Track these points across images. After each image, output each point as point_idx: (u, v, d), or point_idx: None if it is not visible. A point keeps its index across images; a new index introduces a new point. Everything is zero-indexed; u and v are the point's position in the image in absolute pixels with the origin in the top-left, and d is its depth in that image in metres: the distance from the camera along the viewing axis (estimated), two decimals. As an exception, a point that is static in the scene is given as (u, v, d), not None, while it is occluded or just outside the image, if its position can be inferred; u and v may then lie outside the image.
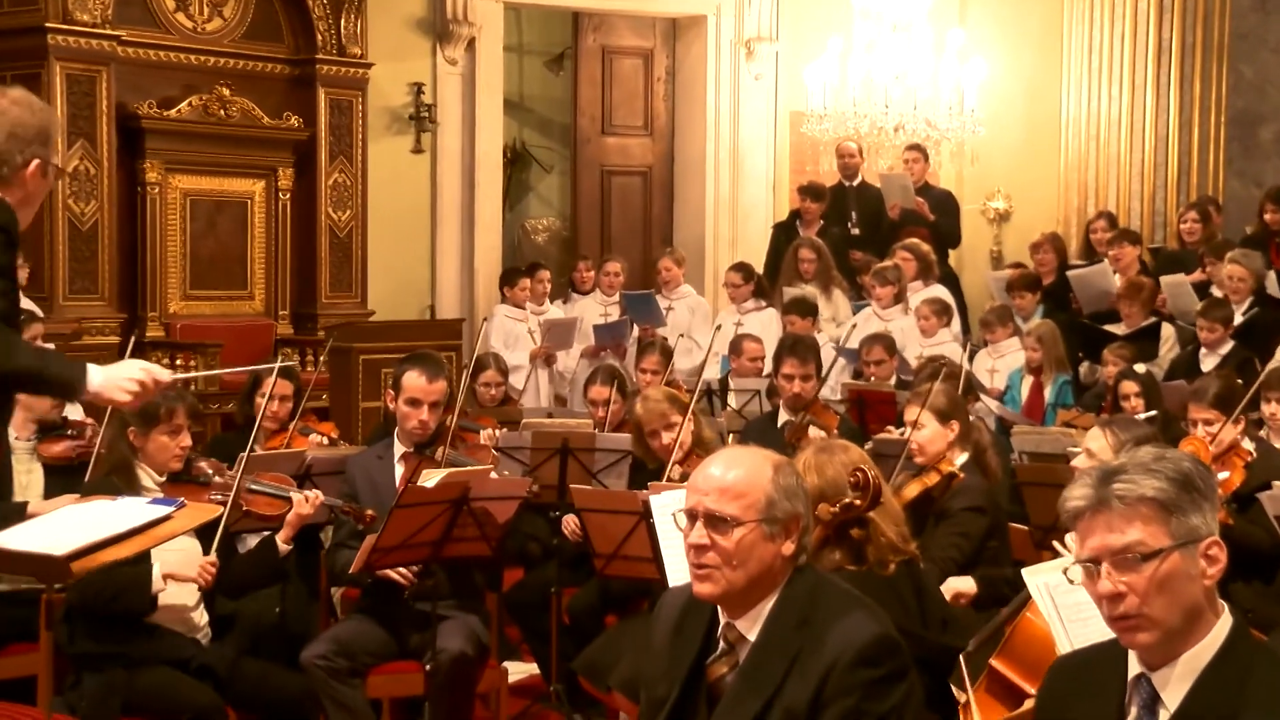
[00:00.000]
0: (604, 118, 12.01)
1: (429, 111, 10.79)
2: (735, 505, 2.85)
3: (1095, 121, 11.44)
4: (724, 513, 2.85)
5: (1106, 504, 2.36)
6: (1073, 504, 2.40)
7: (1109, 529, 2.35)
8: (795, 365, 6.74)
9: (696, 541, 2.87)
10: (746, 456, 2.94)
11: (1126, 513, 2.34)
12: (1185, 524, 2.33)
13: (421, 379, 5.27)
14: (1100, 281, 9.26)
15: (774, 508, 2.87)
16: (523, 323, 9.99)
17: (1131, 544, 2.34)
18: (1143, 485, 2.34)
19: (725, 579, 2.85)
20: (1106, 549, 2.35)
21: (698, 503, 2.89)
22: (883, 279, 9.39)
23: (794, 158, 12.21)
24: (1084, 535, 2.39)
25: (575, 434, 6.07)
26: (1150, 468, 2.36)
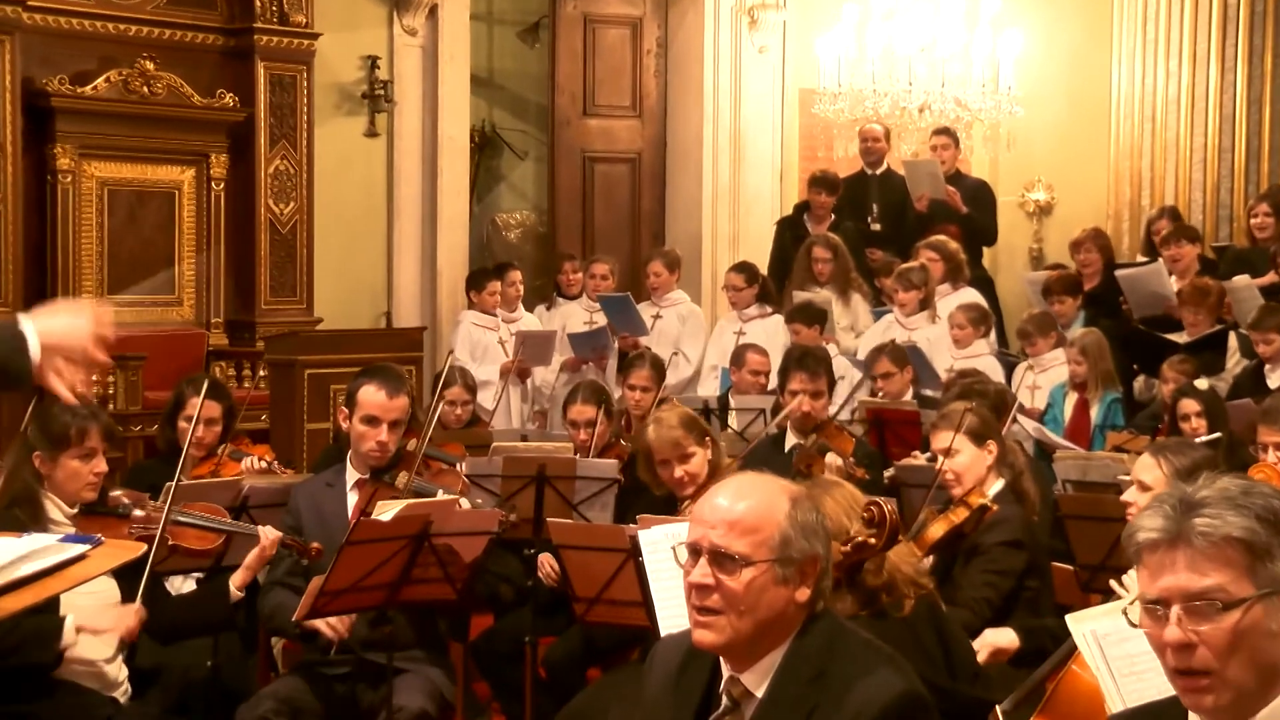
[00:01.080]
0: (586, 97, 12.03)
1: (384, 89, 10.79)
2: (745, 542, 2.85)
3: (1150, 100, 11.49)
4: (732, 550, 2.85)
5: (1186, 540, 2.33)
6: (1145, 535, 2.37)
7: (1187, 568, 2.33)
8: (804, 380, 6.75)
9: (699, 581, 2.86)
10: (760, 486, 2.94)
11: (1209, 552, 2.32)
12: (1271, 571, 2.31)
13: (380, 394, 5.27)
14: (1154, 283, 9.29)
15: (790, 547, 2.87)
16: (492, 331, 10.00)
17: (1211, 589, 2.31)
18: (1230, 523, 2.32)
19: (730, 626, 2.85)
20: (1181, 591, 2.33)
21: (703, 536, 2.88)
22: (907, 282, 9.41)
23: (804, 142, 12.24)
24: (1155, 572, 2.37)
25: (553, 459, 6.06)
26: (1238, 503, 2.34)
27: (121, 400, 8.92)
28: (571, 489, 5.94)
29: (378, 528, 4.70)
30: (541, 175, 12.80)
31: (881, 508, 3.61)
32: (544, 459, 6.05)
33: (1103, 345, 8.46)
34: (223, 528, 5.14)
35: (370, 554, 4.70)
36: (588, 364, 9.99)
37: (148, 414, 8.56)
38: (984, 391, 6.58)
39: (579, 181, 12.12)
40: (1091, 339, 8.50)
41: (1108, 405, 8.38)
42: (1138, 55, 11.51)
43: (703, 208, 11.99)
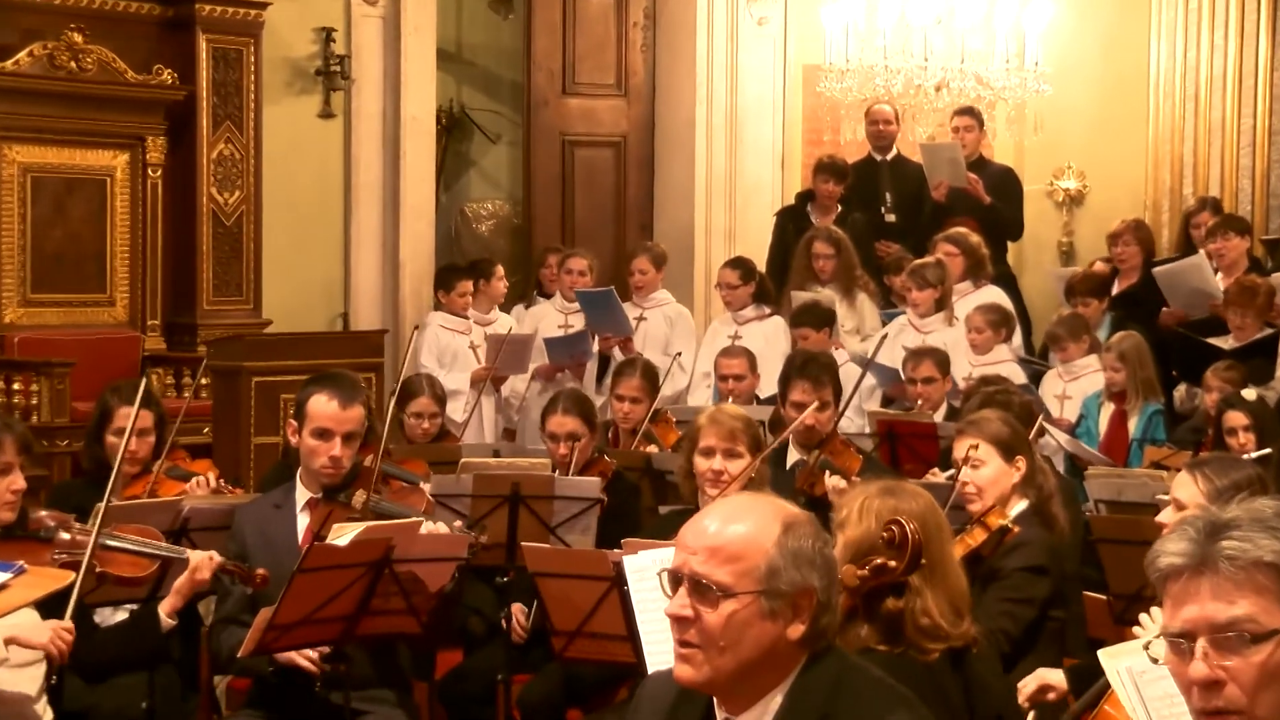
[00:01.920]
0: (565, 74, 12.04)
1: (341, 65, 10.80)
2: (727, 571, 2.86)
3: (1193, 77, 11.53)
4: (712, 579, 2.85)
5: (1212, 565, 2.34)
6: (1166, 561, 2.39)
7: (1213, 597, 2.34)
8: (807, 390, 6.76)
9: (676, 612, 2.87)
10: (752, 509, 2.95)
11: (1237, 578, 2.33)
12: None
13: (333, 404, 5.26)
14: (1195, 279, 9.31)
15: (777, 578, 2.87)
16: (463, 335, 10.01)
17: (1240, 619, 2.32)
18: (1260, 546, 2.33)
19: (709, 664, 2.85)
20: (1206, 622, 2.34)
21: (684, 562, 2.89)
22: (921, 279, 9.43)
23: (808, 125, 12.26)
24: (1178, 602, 2.38)
25: (529, 477, 6.07)
26: (1270, 525, 2.34)
27: (46, 412, 8.92)
28: (549, 510, 5.94)
29: (333, 553, 4.70)
30: (516, 161, 12.80)
31: (904, 526, 3.61)
32: (518, 477, 6.06)
33: (1143, 350, 8.49)
34: (158, 553, 5.12)
35: (325, 582, 4.70)
36: (563, 371, 10.00)
37: (75, 427, 8.55)
38: (1007, 403, 6.59)
39: (557, 168, 12.13)
40: (1130, 343, 8.53)
41: (1148, 417, 8.40)
42: (1179, 27, 11.55)
43: (695, 197, 12.01)
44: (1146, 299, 9.63)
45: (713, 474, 5.58)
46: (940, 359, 8.45)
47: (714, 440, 5.60)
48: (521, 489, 5.93)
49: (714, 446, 5.60)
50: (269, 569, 5.08)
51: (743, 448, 5.61)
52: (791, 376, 6.90)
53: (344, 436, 5.26)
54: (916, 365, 8.43)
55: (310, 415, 5.28)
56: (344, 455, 5.26)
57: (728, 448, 5.59)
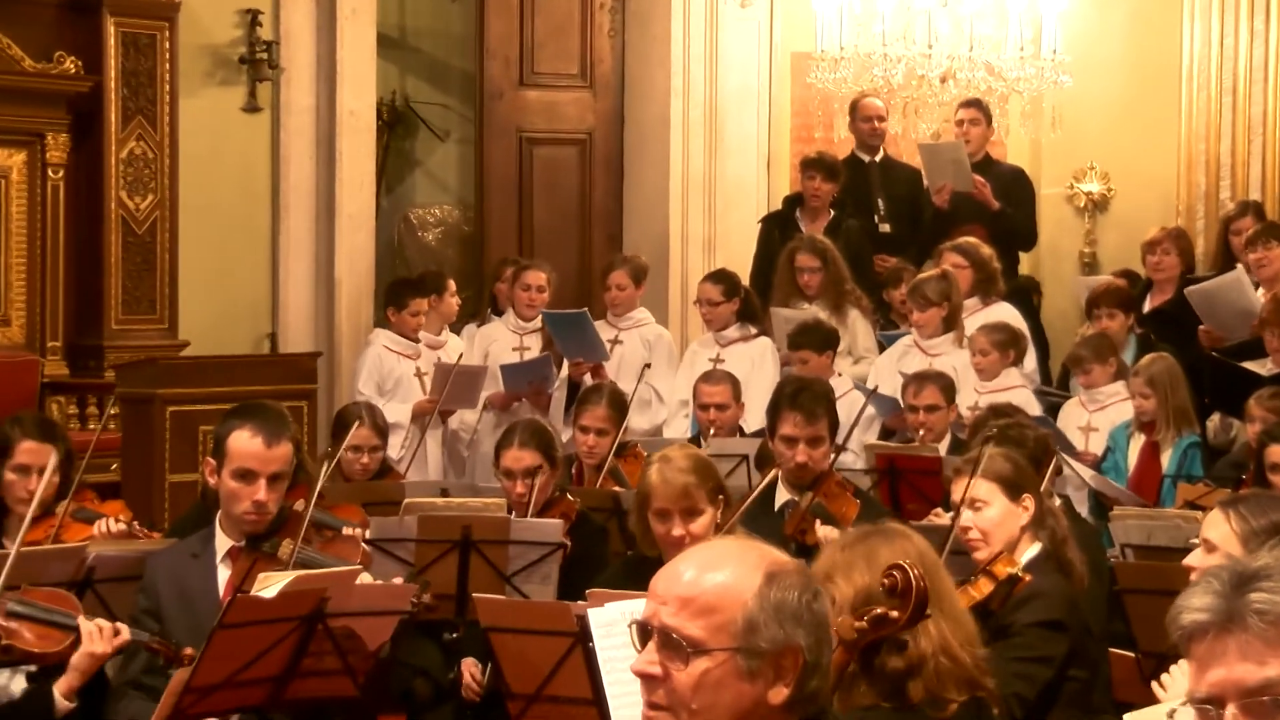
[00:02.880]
0: (523, 62, 12.06)
1: (268, 52, 10.80)
2: (699, 625, 2.87)
3: (1231, 67, 11.60)
4: (683, 633, 2.86)
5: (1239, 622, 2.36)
6: (1189, 618, 2.41)
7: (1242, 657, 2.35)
8: (799, 423, 6.75)
9: (643, 669, 2.88)
10: (733, 555, 2.95)
11: (1268, 636, 2.34)
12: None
13: (256, 440, 5.27)
14: (1234, 297, 9.34)
15: (756, 634, 2.87)
16: (410, 359, 10.03)
17: (1274, 682, 2.33)
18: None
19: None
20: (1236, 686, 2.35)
21: (654, 613, 2.91)
22: (923, 299, 9.47)
23: (798, 120, 12.31)
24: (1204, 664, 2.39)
25: (481, 520, 6.08)
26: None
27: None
28: (504, 556, 5.95)
29: (259, 607, 4.70)
30: (467, 161, 12.81)
31: (906, 573, 3.62)
32: (470, 519, 6.07)
33: (1176, 375, 8.52)
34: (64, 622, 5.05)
35: (250, 639, 4.69)
36: (520, 400, 10.01)
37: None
38: (1020, 437, 6.60)
39: (514, 169, 12.14)
40: (1161, 367, 8.54)
41: (1183, 451, 8.43)
42: (1215, 10, 11.60)
43: (670, 202, 12.03)
44: (1182, 317, 9.65)
45: (674, 540, 5.52)
46: (944, 384, 8.48)
47: (666, 503, 5.58)
48: (473, 533, 5.94)
49: (668, 509, 5.58)
50: (186, 626, 5.06)
51: (703, 503, 5.59)
52: (781, 407, 6.86)
53: (269, 478, 5.25)
54: (918, 391, 8.47)
55: (231, 453, 5.28)
56: (270, 499, 5.26)
57: (685, 508, 5.57)
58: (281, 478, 5.31)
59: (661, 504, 5.57)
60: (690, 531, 5.53)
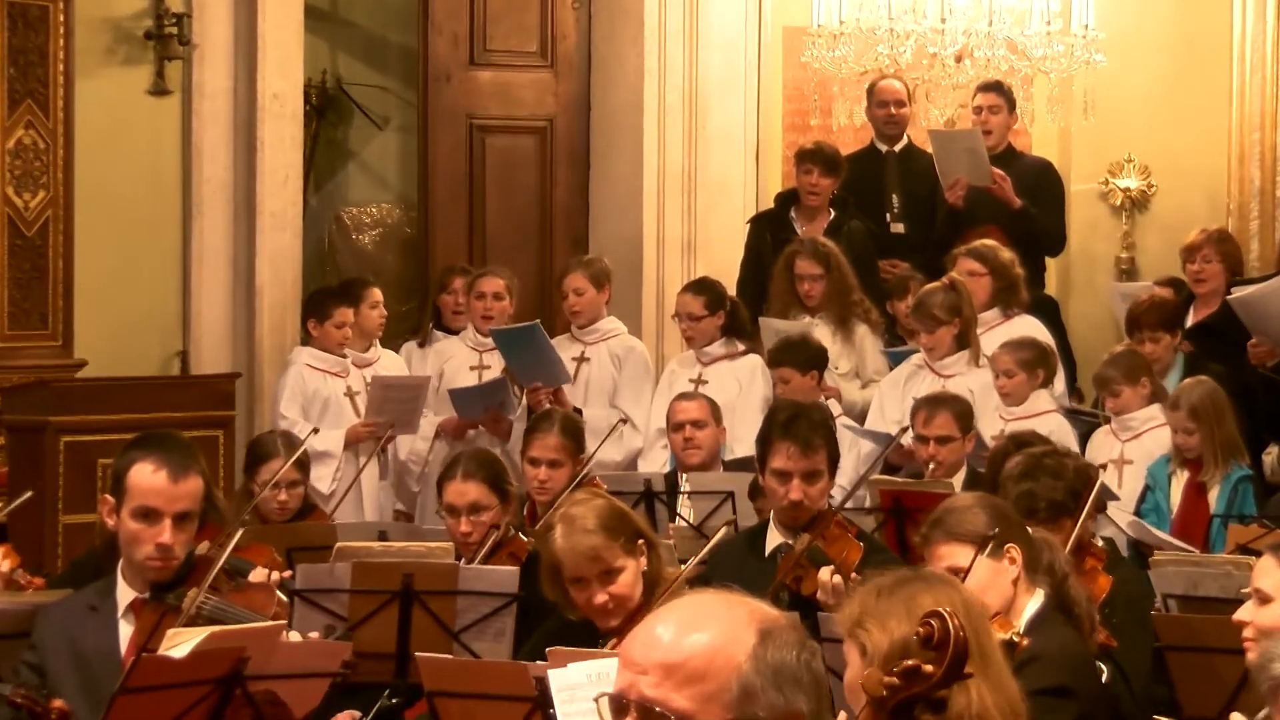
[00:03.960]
0: (474, 38, 12.06)
1: (179, 26, 10.78)
2: (686, 695, 2.87)
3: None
4: (669, 706, 2.86)
5: None
6: None
7: None
8: (794, 455, 6.77)
9: (622, 751, 2.89)
10: (717, 611, 2.96)
11: None
12: None
13: (160, 476, 5.27)
14: None
15: (753, 701, 2.88)
16: (338, 378, 10.02)
17: None
18: None
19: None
20: None
21: (630, 684, 2.90)
22: (929, 316, 9.49)
23: (790, 105, 12.33)
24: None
25: (424, 567, 6.09)
26: None
27: None
28: (451, 609, 5.97)
29: (168, 668, 4.69)
30: (410, 151, 12.81)
31: (945, 622, 3.61)
32: (412, 566, 6.08)
33: (1220, 402, 8.52)
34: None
35: (157, 705, 4.69)
36: (476, 429, 10.01)
37: None
38: (1059, 468, 6.62)
39: (463, 161, 12.13)
40: (1203, 393, 8.53)
41: (1234, 486, 8.45)
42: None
43: (643, 200, 12.02)
44: (1230, 331, 9.66)
45: (598, 608, 5.59)
46: (960, 411, 8.49)
47: (578, 571, 5.61)
48: (415, 582, 5.95)
49: (584, 576, 5.61)
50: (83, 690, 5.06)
51: (620, 558, 5.61)
52: (773, 437, 6.88)
53: (175, 518, 5.26)
54: (929, 418, 8.48)
55: (132, 490, 5.28)
56: (176, 542, 5.27)
57: (600, 571, 5.59)
58: (189, 517, 5.32)
59: (575, 573, 5.61)
60: (613, 594, 5.58)
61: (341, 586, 6.01)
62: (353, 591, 5.99)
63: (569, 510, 5.79)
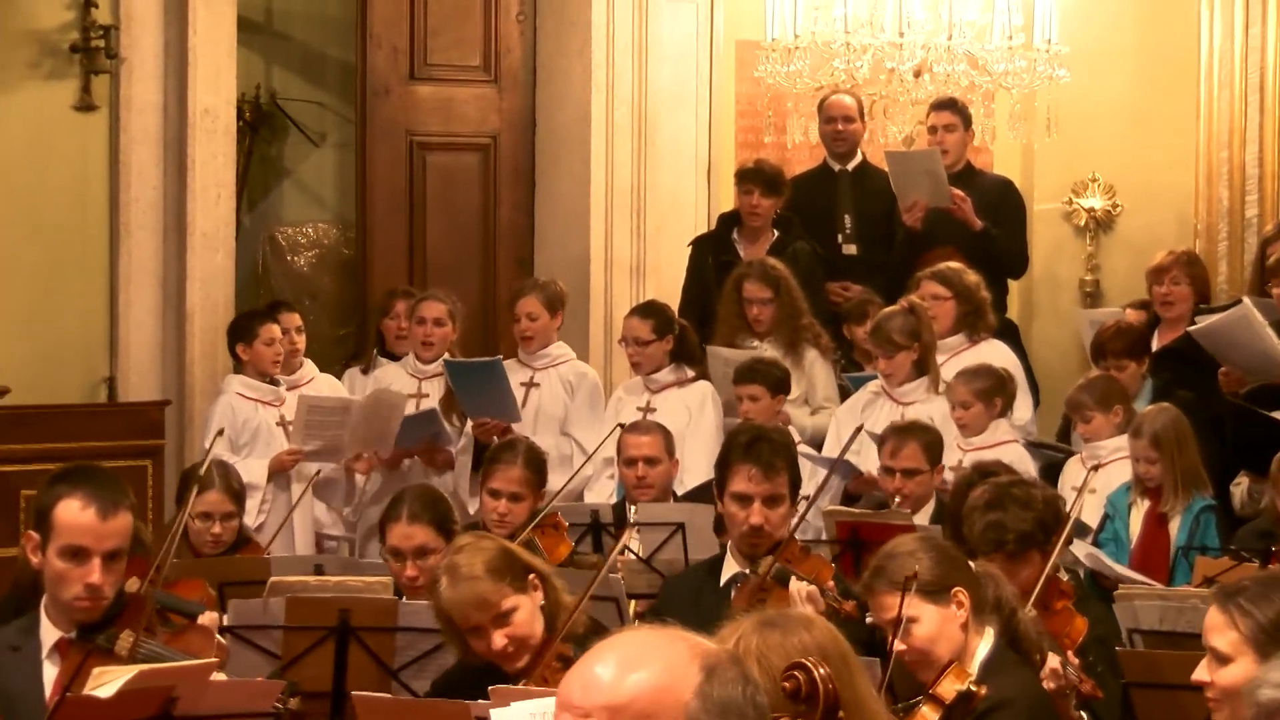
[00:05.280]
0: (414, 52, 12.06)
1: (106, 39, 10.75)
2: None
3: (1258, 60, 11.73)
4: (614, 749, 2.86)
5: None
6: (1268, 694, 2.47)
7: None
8: (755, 478, 6.79)
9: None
10: (658, 647, 2.96)
11: None
12: None
13: (89, 512, 5.25)
14: (1245, 338, 9.36)
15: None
16: (271, 406, 10.01)
17: None
18: None
19: None
20: None
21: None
22: (888, 341, 9.50)
23: (744, 122, 12.36)
24: None
25: (362, 602, 6.07)
26: None
27: None
28: (390, 647, 5.95)
29: (94, 708, 4.67)
30: (347, 169, 12.80)
31: (811, 673, 3.62)
32: (349, 602, 6.05)
33: (1182, 430, 8.55)
34: None
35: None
36: (412, 458, 9.98)
37: None
38: (1026, 499, 6.63)
39: (403, 179, 12.13)
40: (1165, 421, 8.57)
41: (1195, 517, 8.48)
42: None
43: (590, 220, 12.03)
44: (1199, 356, 9.65)
45: (499, 653, 5.60)
46: (929, 441, 8.50)
47: (474, 619, 5.60)
48: (353, 618, 5.93)
49: (479, 625, 5.61)
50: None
51: (511, 597, 5.61)
52: (733, 460, 6.89)
53: (105, 556, 5.24)
54: (897, 449, 8.50)
55: (59, 528, 5.26)
56: (105, 582, 5.24)
57: (492, 617, 5.59)
58: (119, 555, 5.30)
59: (468, 623, 5.61)
60: (512, 636, 5.59)
61: (275, 622, 5.99)
62: (287, 628, 5.97)
63: (453, 559, 5.77)
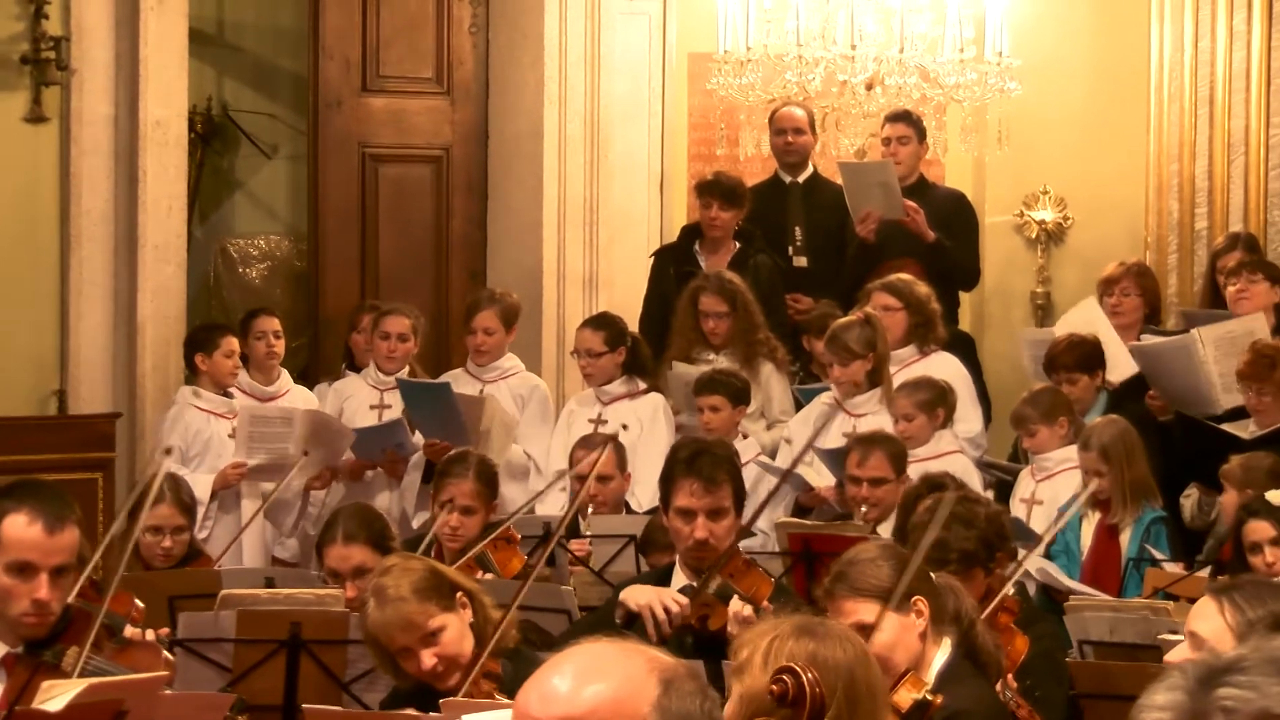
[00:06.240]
0: (366, 64, 12.05)
1: (57, 50, 10.74)
2: (588, 749, 2.89)
3: (1208, 73, 11.77)
4: (573, 762, 2.88)
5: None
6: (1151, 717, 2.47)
7: None
8: (697, 492, 6.77)
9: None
10: (615, 660, 2.97)
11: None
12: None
13: (35, 528, 5.26)
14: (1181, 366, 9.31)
15: (656, 753, 2.90)
16: (224, 419, 10.01)
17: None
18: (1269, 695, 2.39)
19: None
20: None
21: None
22: (844, 350, 9.53)
23: (696, 134, 12.37)
24: None
25: (313, 615, 6.08)
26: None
27: None
28: (341, 659, 5.96)
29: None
30: (299, 181, 12.78)
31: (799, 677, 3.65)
32: (300, 614, 6.06)
33: (1131, 442, 8.58)
34: None
35: (30, 763, 4.69)
36: (374, 470, 9.99)
37: None
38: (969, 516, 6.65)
39: (356, 191, 12.11)
40: (1114, 433, 8.60)
41: (1146, 528, 8.51)
42: (1188, 8, 11.72)
43: (543, 231, 12.01)
44: (1149, 369, 9.77)
45: (430, 673, 5.58)
46: (895, 452, 8.54)
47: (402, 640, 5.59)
48: (304, 631, 5.93)
49: (408, 646, 5.59)
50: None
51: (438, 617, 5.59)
52: (675, 474, 6.86)
53: (52, 571, 5.25)
54: (863, 459, 8.53)
55: (5, 543, 5.27)
56: (53, 597, 5.25)
57: (420, 637, 5.58)
58: (66, 570, 5.31)
59: (395, 645, 5.60)
60: (441, 655, 5.58)
61: (226, 635, 5.99)
62: (238, 641, 5.97)
63: (379, 581, 5.75)
